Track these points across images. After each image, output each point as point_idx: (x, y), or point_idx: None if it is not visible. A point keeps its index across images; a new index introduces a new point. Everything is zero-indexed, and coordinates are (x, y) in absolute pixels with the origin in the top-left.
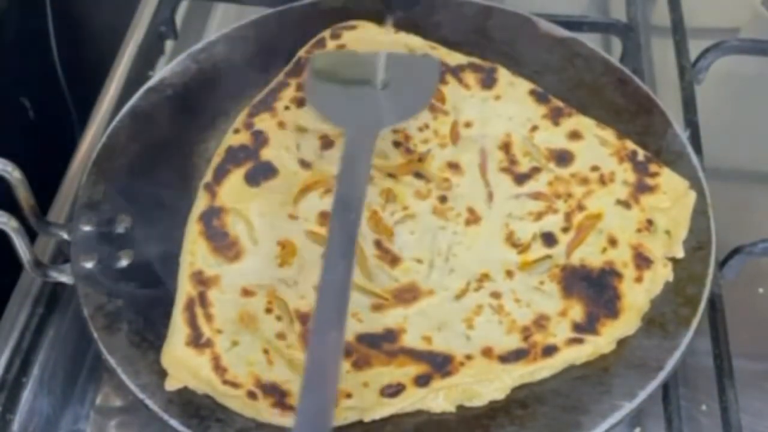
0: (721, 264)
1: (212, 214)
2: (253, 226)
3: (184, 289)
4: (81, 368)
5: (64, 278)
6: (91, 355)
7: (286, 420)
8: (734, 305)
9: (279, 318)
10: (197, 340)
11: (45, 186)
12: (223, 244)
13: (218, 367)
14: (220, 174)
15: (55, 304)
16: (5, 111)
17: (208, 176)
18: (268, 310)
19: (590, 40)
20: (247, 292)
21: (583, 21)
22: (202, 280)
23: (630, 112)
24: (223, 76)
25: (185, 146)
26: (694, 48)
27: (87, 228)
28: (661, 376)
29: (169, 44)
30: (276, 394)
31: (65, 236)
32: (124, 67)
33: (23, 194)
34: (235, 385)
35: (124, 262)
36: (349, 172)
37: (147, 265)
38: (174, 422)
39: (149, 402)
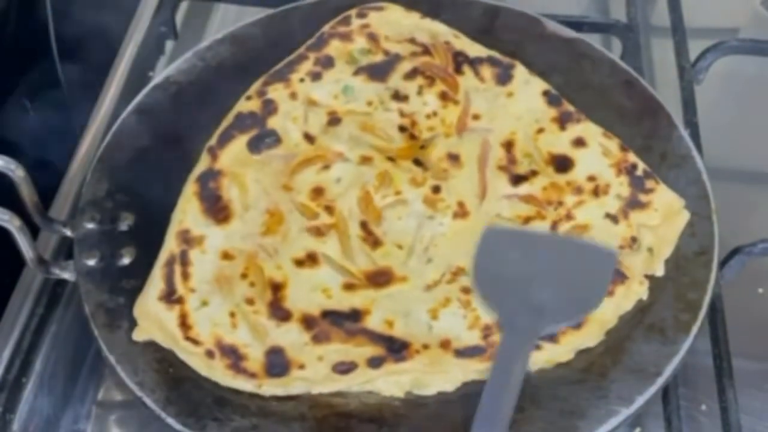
0: (721, 264)
1: (210, 176)
2: (248, 191)
3: (168, 245)
4: (81, 368)
5: (67, 275)
6: (91, 354)
7: (239, 383)
8: (734, 305)
9: (252, 284)
10: (169, 296)
11: (44, 187)
12: (215, 206)
13: (184, 324)
14: (225, 138)
15: (56, 303)
16: (5, 111)
17: (212, 139)
18: (244, 276)
19: (590, 40)
20: (227, 255)
21: (583, 21)
22: (187, 239)
23: (635, 115)
24: (228, 74)
25: (190, 144)
26: (694, 48)
27: (90, 225)
28: (660, 381)
29: (169, 44)
30: (233, 356)
31: (68, 233)
32: (124, 67)
33: (26, 191)
34: (196, 342)
35: (126, 260)
36: (500, 378)
37: (149, 263)
38: (171, 420)
39: (147, 400)
